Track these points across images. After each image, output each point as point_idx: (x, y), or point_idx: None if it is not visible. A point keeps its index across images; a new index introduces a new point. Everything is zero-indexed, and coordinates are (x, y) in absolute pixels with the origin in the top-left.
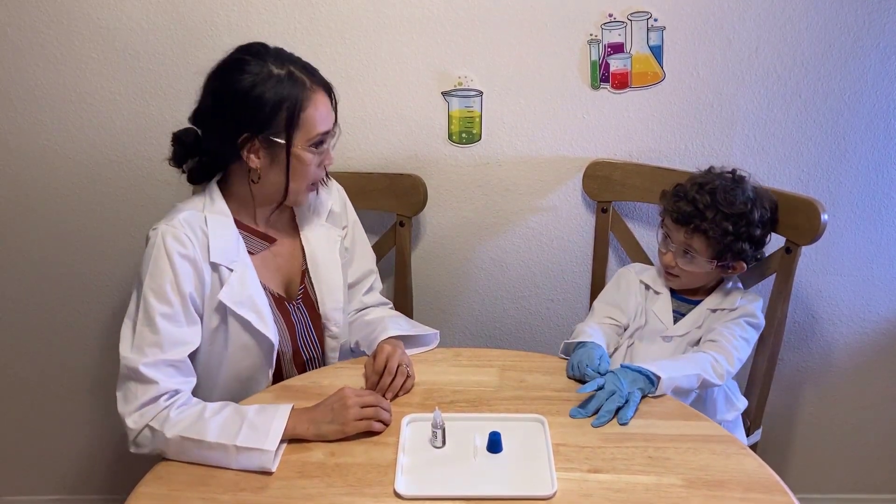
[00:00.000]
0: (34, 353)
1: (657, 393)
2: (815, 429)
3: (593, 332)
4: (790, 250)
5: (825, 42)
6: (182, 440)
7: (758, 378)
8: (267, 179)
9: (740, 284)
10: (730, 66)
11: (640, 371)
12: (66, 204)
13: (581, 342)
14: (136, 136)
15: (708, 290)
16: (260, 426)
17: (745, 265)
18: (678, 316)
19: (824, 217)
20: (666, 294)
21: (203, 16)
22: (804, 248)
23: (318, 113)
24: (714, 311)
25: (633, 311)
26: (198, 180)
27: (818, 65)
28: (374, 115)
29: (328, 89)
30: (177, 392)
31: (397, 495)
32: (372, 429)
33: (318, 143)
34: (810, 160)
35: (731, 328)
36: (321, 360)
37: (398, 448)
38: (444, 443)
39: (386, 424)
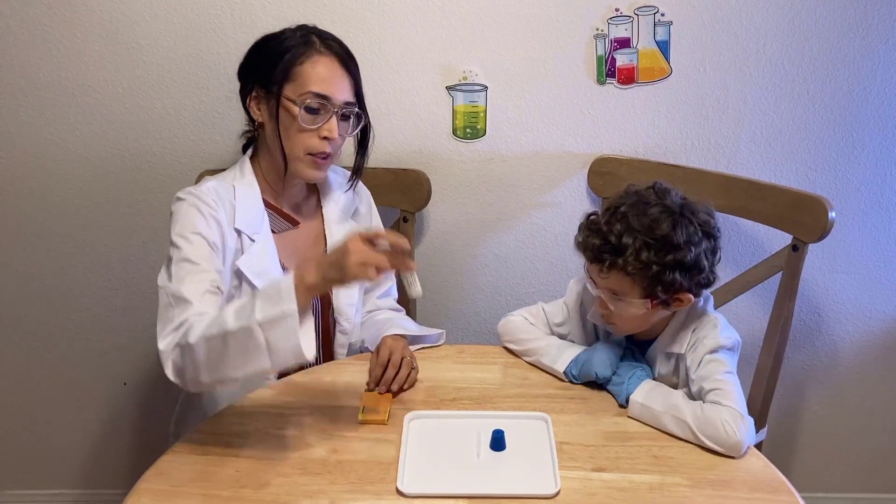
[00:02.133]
0: (42, 347)
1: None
2: (820, 428)
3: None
4: (797, 248)
5: (833, 38)
6: (206, 341)
7: (763, 377)
8: (269, 137)
9: (697, 311)
10: (737, 61)
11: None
12: (69, 197)
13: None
14: (139, 130)
15: (663, 326)
16: (270, 291)
17: (691, 296)
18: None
19: (831, 214)
20: (614, 335)
21: (206, 9)
22: (810, 246)
23: (315, 71)
24: (669, 355)
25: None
26: (245, 150)
27: (826, 61)
28: (377, 109)
29: (345, 63)
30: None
31: (400, 493)
32: (367, 276)
33: (313, 105)
34: (818, 157)
35: (711, 372)
36: (326, 354)
37: (401, 445)
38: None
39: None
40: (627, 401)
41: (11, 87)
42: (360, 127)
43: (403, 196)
